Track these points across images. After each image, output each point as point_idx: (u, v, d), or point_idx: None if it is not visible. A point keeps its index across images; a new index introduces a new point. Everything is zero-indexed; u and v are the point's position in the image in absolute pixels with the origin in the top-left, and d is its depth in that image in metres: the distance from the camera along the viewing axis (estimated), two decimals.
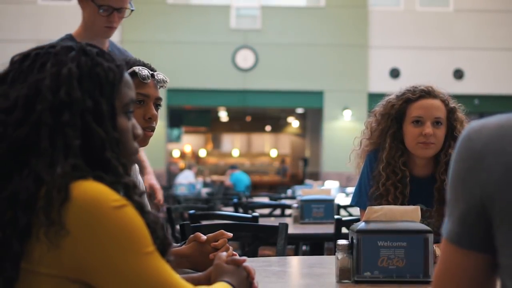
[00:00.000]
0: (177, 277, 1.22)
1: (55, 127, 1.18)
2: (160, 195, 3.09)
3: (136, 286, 1.16)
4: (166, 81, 2.25)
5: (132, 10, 2.90)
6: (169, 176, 15.22)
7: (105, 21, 2.86)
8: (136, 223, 1.17)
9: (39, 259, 1.13)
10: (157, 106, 2.22)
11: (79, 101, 1.20)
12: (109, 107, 1.24)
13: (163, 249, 1.23)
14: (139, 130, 1.33)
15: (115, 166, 1.21)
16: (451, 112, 2.52)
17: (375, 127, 2.60)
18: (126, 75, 1.31)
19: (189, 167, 15.75)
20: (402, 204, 2.47)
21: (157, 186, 3.11)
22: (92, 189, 1.15)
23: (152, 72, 2.20)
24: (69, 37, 2.96)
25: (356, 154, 2.68)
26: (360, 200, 2.60)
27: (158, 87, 2.23)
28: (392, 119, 2.54)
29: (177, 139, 19.11)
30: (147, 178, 3.10)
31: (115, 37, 13.96)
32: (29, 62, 1.25)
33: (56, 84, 1.21)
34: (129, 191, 1.21)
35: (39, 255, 1.13)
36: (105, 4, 2.84)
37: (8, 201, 1.14)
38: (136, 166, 2.14)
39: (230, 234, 2.06)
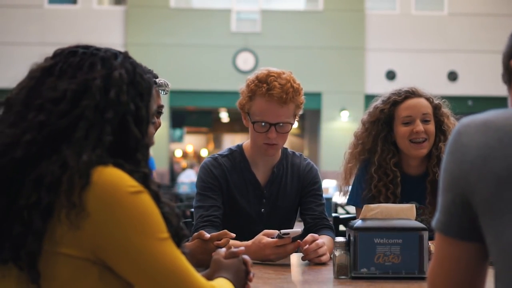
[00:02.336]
0: (190, 267, 1.23)
1: (94, 122, 1.22)
2: None
3: (148, 269, 1.18)
4: (168, 86, 2.26)
5: (291, 124, 2.42)
6: (172, 175, 15.23)
7: (263, 138, 2.41)
8: (151, 209, 1.20)
9: (60, 240, 1.16)
10: (159, 113, 2.24)
11: (124, 103, 1.26)
12: (146, 113, 1.31)
13: (178, 240, 1.25)
14: (153, 139, 1.43)
15: (143, 167, 1.26)
16: (436, 108, 2.54)
17: (366, 135, 2.60)
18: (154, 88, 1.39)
19: (191, 166, 15.75)
20: (393, 203, 2.48)
21: None
22: (110, 174, 1.19)
23: (155, 79, 2.20)
24: (240, 149, 2.57)
25: (346, 167, 2.67)
26: (356, 199, 2.61)
27: (161, 93, 2.24)
28: (382, 124, 2.55)
29: (180, 139, 19.11)
30: None
31: (119, 40, 14.01)
32: (78, 59, 1.29)
33: (106, 85, 1.26)
34: (147, 180, 1.24)
35: (60, 236, 1.16)
36: (260, 120, 2.40)
37: (34, 184, 1.17)
38: None
39: (233, 235, 2.08)
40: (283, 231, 2.13)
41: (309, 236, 2.16)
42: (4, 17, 14.24)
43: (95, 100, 1.24)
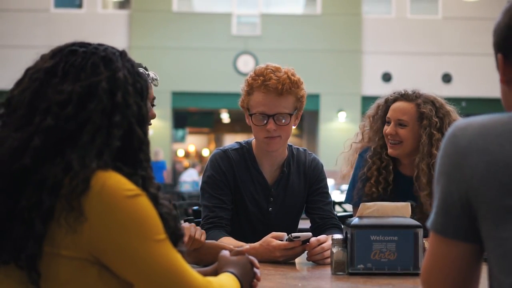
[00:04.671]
0: (186, 266, 1.22)
1: (100, 126, 1.20)
2: None
3: (146, 270, 1.17)
4: (157, 79, 2.26)
5: (290, 114, 2.33)
6: (174, 174, 15.22)
7: (263, 131, 2.33)
8: (148, 212, 1.18)
9: (60, 242, 1.15)
10: (152, 105, 2.23)
11: (131, 106, 1.23)
12: (146, 112, 1.28)
13: (175, 239, 1.24)
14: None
15: (145, 167, 1.24)
16: (420, 118, 2.48)
17: (369, 129, 2.66)
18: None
19: (193, 165, 15.75)
20: (384, 189, 2.51)
21: None
22: (109, 179, 1.17)
23: (148, 72, 2.19)
24: (248, 145, 2.49)
25: (347, 156, 2.72)
26: (353, 198, 2.61)
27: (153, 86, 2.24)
28: (380, 118, 2.60)
29: (182, 139, 19.11)
30: None
31: (123, 43, 14.00)
32: (79, 60, 1.25)
33: (112, 88, 1.23)
34: (146, 183, 1.22)
35: (59, 238, 1.15)
36: (257, 111, 2.34)
37: (36, 185, 1.16)
38: None
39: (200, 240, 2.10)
40: (294, 234, 2.09)
41: (315, 240, 2.11)
42: (11, 21, 14.24)
43: (103, 103, 1.20)
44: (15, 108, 1.23)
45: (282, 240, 2.12)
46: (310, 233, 2.12)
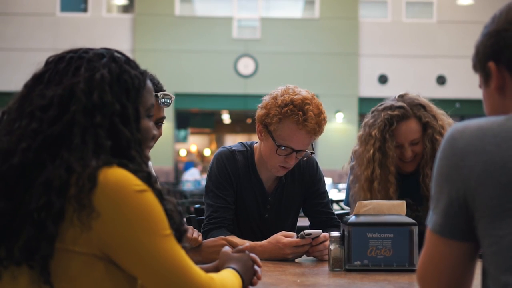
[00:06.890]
0: (190, 261, 1.22)
1: (87, 127, 1.19)
2: None
3: (151, 264, 1.17)
4: (170, 98, 2.21)
5: (312, 153, 2.40)
6: (177, 173, 15.22)
7: (281, 161, 2.31)
8: (155, 207, 1.19)
9: (74, 240, 1.15)
10: (158, 124, 2.18)
11: (109, 104, 1.22)
12: (134, 110, 1.26)
13: (179, 235, 1.24)
14: (156, 131, 1.36)
15: (138, 163, 1.23)
16: (424, 128, 2.38)
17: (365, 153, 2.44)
18: (148, 82, 1.33)
19: (194, 165, 15.76)
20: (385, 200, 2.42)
21: None
22: (116, 174, 1.17)
23: (156, 93, 2.11)
24: (251, 150, 2.45)
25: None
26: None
27: (164, 106, 2.19)
28: (377, 143, 2.40)
29: (184, 139, 19.11)
30: None
31: (127, 46, 14.00)
32: (64, 65, 1.26)
33: (90, 88, 1.22)
34: (150, 179, 1.22)
35: (72, 236, 1.15)
36: (285, 145, 2.29)
37: (43, 187, 1.16)
38: (150, 163, 2.12)
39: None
40: (306, 231, 2.09)
41: (322, 237, 2.12)
42: (18, 24, 14.24)
43: (82, 103, 1.20)
44: (9, 114, 1.26)
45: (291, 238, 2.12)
46: (320, 230, 2.13)
